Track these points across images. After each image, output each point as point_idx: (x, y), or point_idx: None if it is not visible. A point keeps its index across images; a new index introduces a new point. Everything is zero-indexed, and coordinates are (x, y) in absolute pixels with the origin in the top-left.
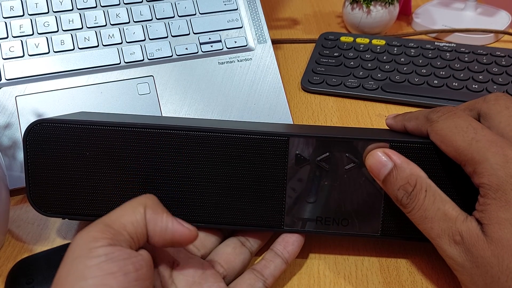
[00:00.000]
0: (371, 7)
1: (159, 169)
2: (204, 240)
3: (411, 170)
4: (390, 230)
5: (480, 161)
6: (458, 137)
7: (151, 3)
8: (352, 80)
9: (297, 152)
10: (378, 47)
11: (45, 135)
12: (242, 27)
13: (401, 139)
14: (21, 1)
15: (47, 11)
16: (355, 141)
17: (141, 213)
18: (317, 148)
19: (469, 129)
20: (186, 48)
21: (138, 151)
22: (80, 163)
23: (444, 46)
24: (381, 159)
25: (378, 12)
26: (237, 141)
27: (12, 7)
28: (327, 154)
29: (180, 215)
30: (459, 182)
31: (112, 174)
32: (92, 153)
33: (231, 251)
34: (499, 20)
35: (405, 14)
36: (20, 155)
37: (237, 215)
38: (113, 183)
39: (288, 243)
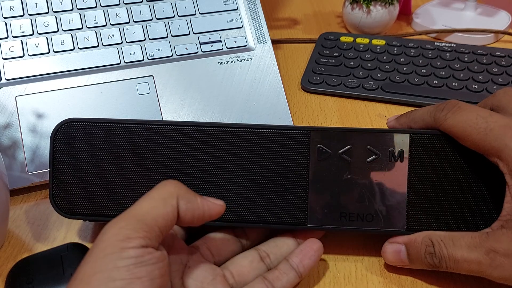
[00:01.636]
0: (371, 7)
1: (183, 166)
2: (221, 246)
3: (419, 235)
4: (416, 224)
5: (501, 148)
6: (472, 131)
7: (151, 3)
8: (352, 80)
9: (319, 145)
10: (378, 47)
11: (72, 135)
12: (242, 27)
13: (421, 130)
14: (21, 1)
15: (47, 11)
16: (376, 133)
17: (173, 206)
18: (339, 141)
19: (478, 119)
20: (186, 48)
21: (163, 148)
22: (105, 162)
23: (444, 46)
24: (393, 248)
25: (378, 12)
26: (259, 136)
27: (12, 7)
28: (349, 146)
29: None
30: (482, 166)
31: (137, 173)
32: (118, 151)
33: (247, 264)
34: (499, 20)
35: (405, 14)
36: (20, 155)
37: (260, 212)
38: (137, 181)
39: (306, 256)
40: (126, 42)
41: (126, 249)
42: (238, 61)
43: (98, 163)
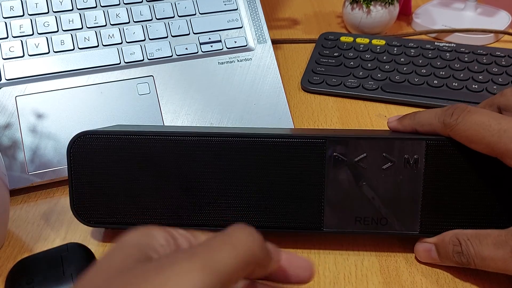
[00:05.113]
0: (371, 7)
1: (199, 176)
2: None
3: (446, 234)
4: (429, 227)
5: None
6: (485, 134)
7: (151, 3)
8: (352, 80)
9: (334, 153)
10: (378, 47)
11: (88, 147)
12: (242, 27)
13: (438, 138)
14: (21, 1)
15: (47, 11)
16: (392, 141)
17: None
18: (354, 149)
19: (491, 121)
20: (186, 48)
21: (179, 159)
22: (122, 173)
23: (444, 46)
24: (424, 247)
25: (378, 12)
26: (275, 145)
27: (12, 7)
28: (364, 154)
29: (220, 220)
30: (499, 170)
31: (153, 182)
32: (134, 162)
33: None
34: (499, 20)
35: (405, 14)
36: (20, 155)
37: (276, 218)
38: (154, 190)
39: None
40: (126, 42)
41: None
42: (238, 61)
43: (114, 173)
